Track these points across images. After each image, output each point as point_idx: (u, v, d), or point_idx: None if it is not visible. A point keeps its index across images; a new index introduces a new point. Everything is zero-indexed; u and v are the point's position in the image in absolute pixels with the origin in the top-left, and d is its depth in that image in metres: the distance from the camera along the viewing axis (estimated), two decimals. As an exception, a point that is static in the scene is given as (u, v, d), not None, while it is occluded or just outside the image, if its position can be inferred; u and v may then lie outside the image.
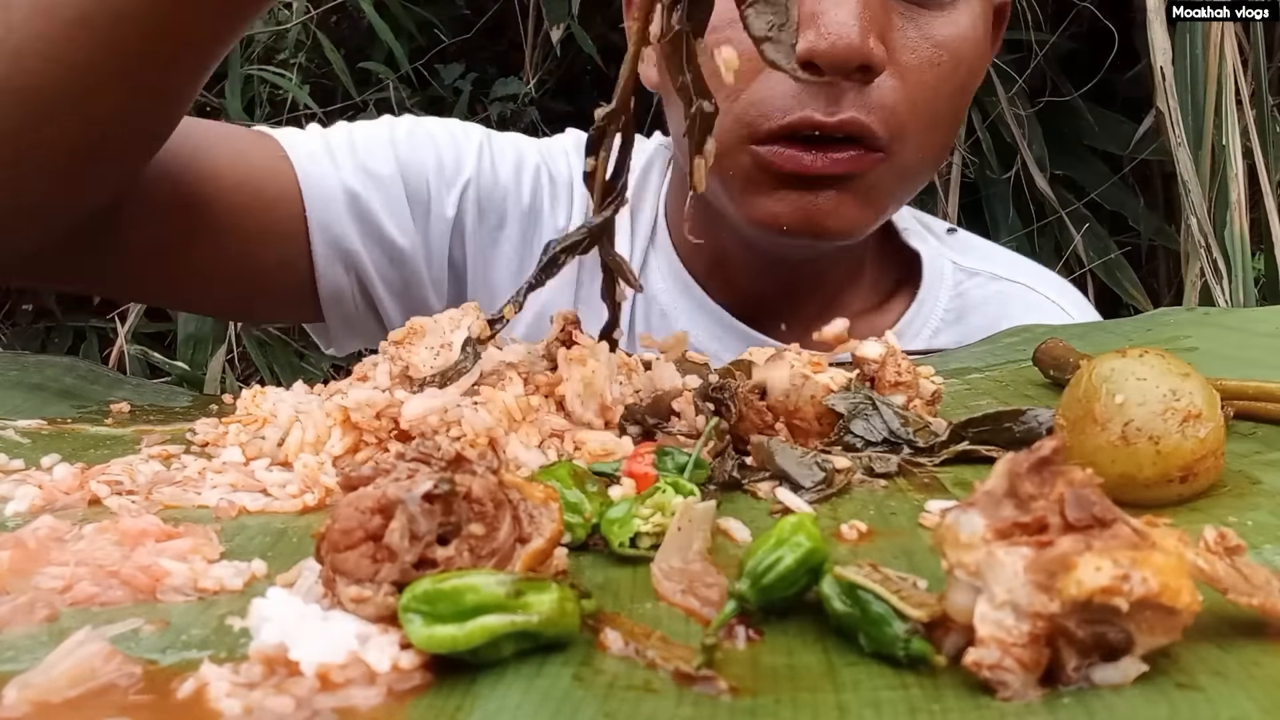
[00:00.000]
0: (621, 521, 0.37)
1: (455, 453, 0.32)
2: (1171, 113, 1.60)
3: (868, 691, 0.27)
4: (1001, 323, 0.85)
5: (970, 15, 0.75)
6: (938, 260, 0.90)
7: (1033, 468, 0.27)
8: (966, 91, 0.78)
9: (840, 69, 0.68)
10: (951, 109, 0.77)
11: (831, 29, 0.67)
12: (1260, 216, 1.72)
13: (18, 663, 0.28)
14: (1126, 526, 0.27)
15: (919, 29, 0.73)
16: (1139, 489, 0.38)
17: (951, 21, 0.74)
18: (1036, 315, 0.86)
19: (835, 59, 0.67)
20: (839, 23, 0.67)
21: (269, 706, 0.25)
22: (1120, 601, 0.25)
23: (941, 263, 0.90)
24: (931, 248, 0.91)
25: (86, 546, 0.35)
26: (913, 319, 0.87)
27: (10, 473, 0.45)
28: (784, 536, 0.30)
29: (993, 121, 2.01)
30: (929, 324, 0.87)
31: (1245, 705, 0.25)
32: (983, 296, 0.90)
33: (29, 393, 0.61)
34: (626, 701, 0.26)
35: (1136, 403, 0.38)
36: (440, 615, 0.27)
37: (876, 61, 0.69)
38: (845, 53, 0.67)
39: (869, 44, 0.68)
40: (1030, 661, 0.26)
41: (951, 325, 0.87)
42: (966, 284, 0.90)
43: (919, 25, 0.73)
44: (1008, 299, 0.89)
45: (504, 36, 2.24)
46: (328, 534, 0.30)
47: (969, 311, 0.88)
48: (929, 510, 0.40)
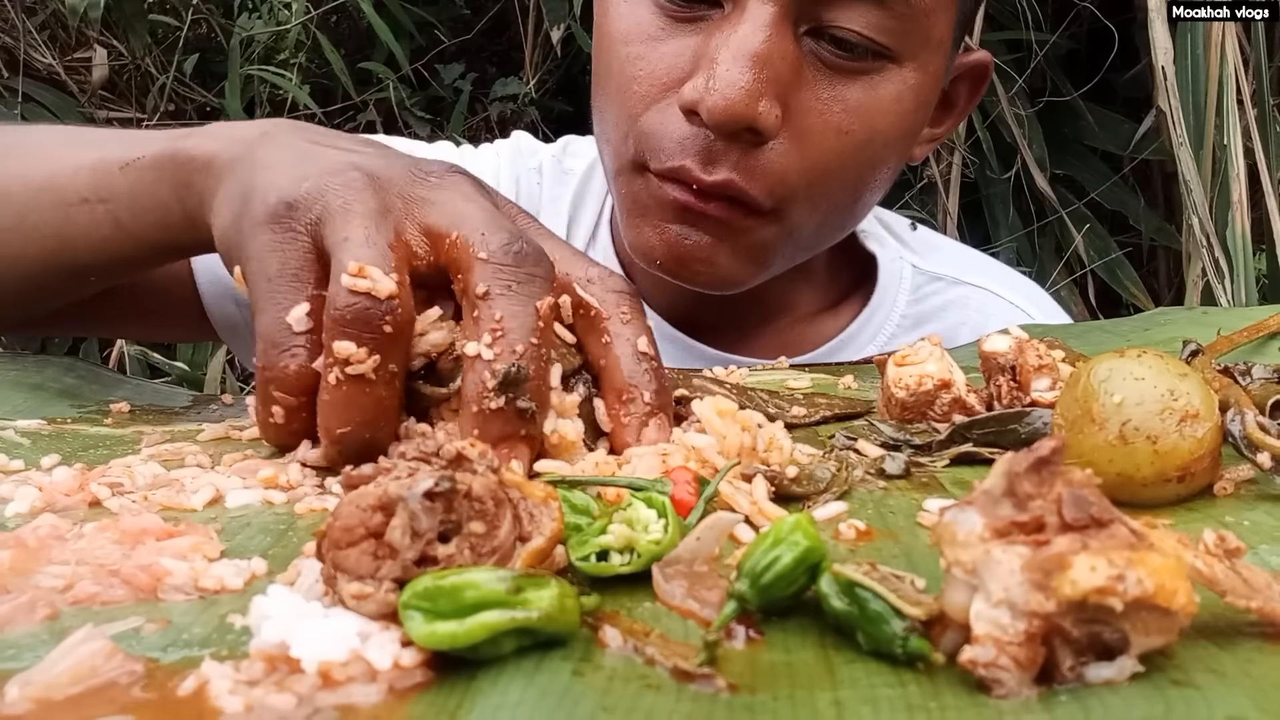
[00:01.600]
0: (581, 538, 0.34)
1: (456, 451, 0.32)
2: (1173, 112, 1.60)
3: (865, 689, 0.27)
4: (961, 329, 0.84)
5: (897, 87, 0.68)
6: (895, 264, 0.88)
7: (1031, 467, 0.27)
8: (878, 166, 0.71)
9: (721, 129, 0.63)
10: (856, 182, 0.71)
11: (720, 86, 0.62)
12: (1261, 216, 1.72)
13: (19, 661, 0.28)
14: (1124, 527, 0.27)
15: (833, 91, 0.66)
16: (1136, 489, 0.38)
17: (872, 88, 0.67)
18: (998, 321, 0.83)
19: (716, 118, 0.62)
20: (728, 81, 0.62)
21: (270, 704, 0.26)
22: (1115, 602, 0.25)
23: (900, 266, 0.88)
24: (890, 251, 0.88)
25: (87, 545, 0.35)
26: (865, 323, 0.85)
27: (10, 473, 0.45)
28: (781, 535, 0.30)
29: (993, 121, 2.02)
30: (884, 329, 0.85)
31: (1242, 703, 0.25)
32: (943, 302, 0.87)
33: (29, 393, 0.61)
34: (625, 697, 0.26)
35: (1134, 402, 0.38)
36: (441, 612, 0.28)
37: (765, 128, 0.63)
38: (726, 114, 0.62)
39: (757, 108, 0.62)
40: (1025, 660, 0.26)
41: (909, 330, 0.85)
42: (927, 289, 0.88)
43: (834, 87, 0.66)
44: (969, 304, 0.88)
45: (504, 36, 2.24)
46: (329, 531, 0.30)
47: (928, 317, 0.86)
48: (927, 509, 0.40)
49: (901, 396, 0.51)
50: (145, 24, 2.25)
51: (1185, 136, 1.59)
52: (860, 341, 0.85)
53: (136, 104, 2.29)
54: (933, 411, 0.51)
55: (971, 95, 0.80)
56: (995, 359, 0.51)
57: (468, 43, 2.22)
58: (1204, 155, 1.65)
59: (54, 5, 2.20)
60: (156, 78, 2.27)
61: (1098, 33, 2.01)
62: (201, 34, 2.37)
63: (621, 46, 0.69)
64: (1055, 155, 2.06)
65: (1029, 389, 0.49)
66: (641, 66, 0.67)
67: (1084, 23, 2.05)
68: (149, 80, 2.30)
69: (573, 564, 0.33)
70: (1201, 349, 0.53)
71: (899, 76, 0.67)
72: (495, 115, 2.17)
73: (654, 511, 0.35)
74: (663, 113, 0.67)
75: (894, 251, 0.89)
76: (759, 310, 0.84)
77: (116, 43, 2.31)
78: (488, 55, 2.31)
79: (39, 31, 2.24)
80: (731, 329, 0.83)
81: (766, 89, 0.63)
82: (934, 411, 0.51)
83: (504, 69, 2.26)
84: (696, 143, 0.65)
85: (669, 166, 0.66)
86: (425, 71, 2.22)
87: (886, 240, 0.89)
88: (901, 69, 0.67)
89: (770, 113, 0.63)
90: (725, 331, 0.83)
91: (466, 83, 2.22)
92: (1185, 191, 1.60)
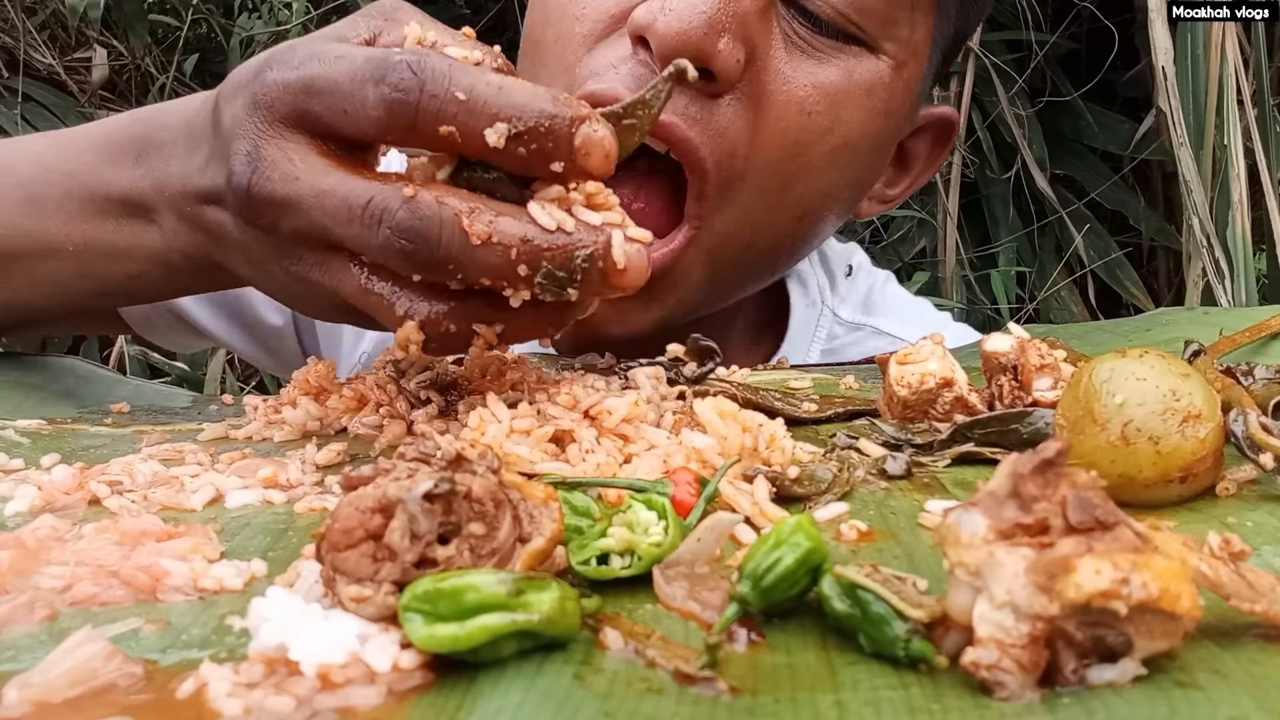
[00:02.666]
0: (582, 542, 0.34)
1: (455, 452, 0.32)
2: (1173, 112, 1.60)
3: (867, 691, 0.27)
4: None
5: (869, 77, 0.62)
6: (811, 309, 0.83)
7: (1036, 469, 0.27)
8: (834, 168, 0.63)
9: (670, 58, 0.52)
10: (811, 183, 0.62)
11: (677, 6, 0.54)
12: (1261, 216, 1.72)
13: (18, 662, 0.28)
14: (1129, 530, 0.27)
15: (801, 66, 0.59)
16: (1139, 489, 0.38)
17: (844, 72, 0.61)
18: None
19: (668, 44, 0.54)
20: (688, 3, 0.54)
21: (269, 706, 0.25)
22: (1119, 605, 0.25)
23: (816, 311, 0.83)
24: (811, 293, 0.83)
25: (86, 546, 0.35)
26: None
27: (10, 472, 0.45)
28: (783, 537, 0.30)
29: (993, 121, 2.02)
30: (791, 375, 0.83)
31: (1245, 704, 0.25)
32: (858, 353, 0.82)
33: (29, 393, 0.61)
34: (627, 701, 0.26)
35: (1136, 403, 0.38)
36: (441, 614, 0.27)
37: (722, 69, 0.55)
38: (680, 39, 0.53)
39: (716, 43, 0.54)
40: (1028, 663, 0.26)
41: None
42: (844, 339, 0.83)
43: (803, 63, 0.59)
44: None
45: (504, 36, 2.23)
46: (328, 533, 0.30)
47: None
48: (929, 510, 0.40)
49: (904, 395, 0.51)
50: (145, 24, 2.25)
51: (1185, 136, 1.59)
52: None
53: (136, 104, 2.29)
54: (935, 410, 0.51)
55: (932, 154, 0.75)
56: (997, 358, 0.51)
57: (467, 43, 2.22)
58: (1204, 155, 1.65)
59: (54, 5, 2.21)
60: (156, 78, 2.27)
61: (1098, 33, 2.01)
62: (201, 34, 2.37)
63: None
64: (1055, 155, 2.06)
65: (1031, 389, 0.49)
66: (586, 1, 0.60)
67: (1084, 23, 2.05)
68: (149, 80, 2.30)
69: (573, 567, 0.33)
70: (1203, 349, 0.53)
71: (874, 67, 0.62)
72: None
73: (654, 513, 0.35)
74: (608, 48, 0.59)
75: (815, 295, 0.83)
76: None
77: (116, 43, 2.31)
78: (487, 55, 2.32)
79: (39, 31, 2.24)
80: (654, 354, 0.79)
81: (730, 24, 0.55)
82: (936, 410, 0.51)
83: (504, 69, 2.26)
84: (635, 70, 0.57)
85: (591, 90, 0.57)
86: (425, 71, 2.22)
87: (810, 281, 0.84)
88: (876, 59, 0.62)
89: (731, 54, 0.55)
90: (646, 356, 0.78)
91: (466, 82, 2.21)
92: (1185, 191, 1.60)
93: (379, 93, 0.42)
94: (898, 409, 0.51)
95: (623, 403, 0.46)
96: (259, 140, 0.45)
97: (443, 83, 0.41)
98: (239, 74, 0.47)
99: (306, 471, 0.46)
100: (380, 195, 0.42)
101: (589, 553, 0.33)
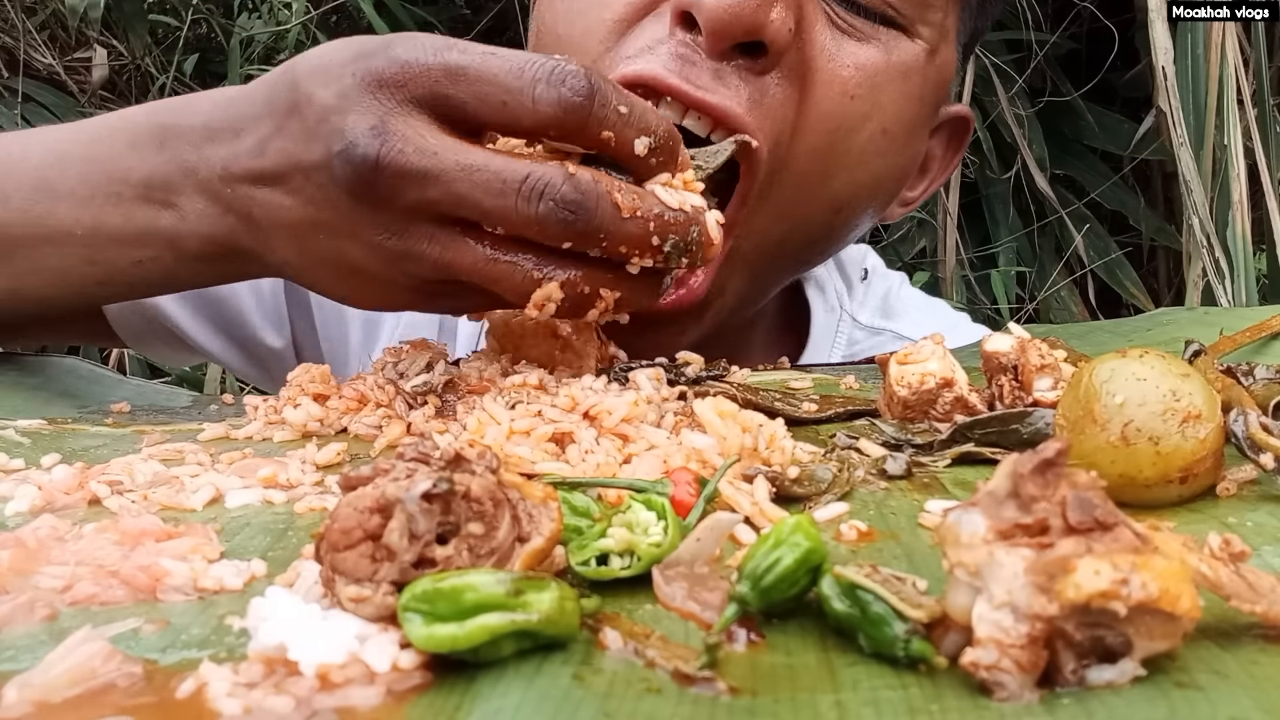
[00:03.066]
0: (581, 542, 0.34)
1: (454, 452, 0.32)
2: (1173, 112, 1.60)
3: (867, 691, 0.27)
4: None
5: (907, 60, 0.63)
6: (831, 315, 0.84)
7: (1036, 469, 0.27)
8: (874, 156, 0.64)
9: (722, 35, 0.54)
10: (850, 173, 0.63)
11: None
12: (1261, 216, 1.72)
13: (17, 662, 0.28)
14: (1129, 530, 0.27)
15: (843, 47, 0.61)
16: (1139, 490, 0.38)
17: (884, 52, 0.62)
18: None
19: (719, 19, 0.54)
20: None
21: (268, 706, 0.25)
22: (1118, 606, 0.25)
23: (835, 317, 0.84)
24: (830, 299, 0.84)
25: (86, 546, 0.35)
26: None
27: (10, 472, 0.45)
28: (782, 537, 0.30)
29: (993, 121, 2.02)
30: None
31: (1245, 704, 0.25)
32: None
33: (29, 393, 0.61)
34: (626, 701, 0.26)
35: (1136, 403, 0.38)
36: (440, 614, 0.27)
37: (774, 39, 0.55)
38: (732, 14, 0.53)
39: (769, 13, 0.54)
40: (1027, 663, 0.26)
41: None
42: (864, 344, 0.84)
43: (844, 45, 0.61)
44: None
45: (504, 36, 2.24)
46: (327, 534, 0.30)
47: None
48: (929, 510, 0.40)
49: (904, 395, 0.51)
50: (145, 24, 2.25)
51: (1185, 136, 1.59)
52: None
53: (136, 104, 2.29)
54: (935, 410, 0.51)
55: (949, 152, 0.76)
56: (997, 359, 0.51)
57: (468, 43, 2.22)
58: (1204, 155, 1.65)
59: (54, 5, 2.21)
60: (156, 78, 2.27)
61: (1098, 33, 2.01)
62: (201, 34, 2.37)
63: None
64: (1055, 155, 2.06)
65: (1031, 389, 0.49)
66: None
67: (1084, 23, 2.05)
68: (149, 80, 2.30)
69: (572, 568, 0.33)
70: (1204, 349, 0.53)
71: (910, 49, 0.63)
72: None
73: (653, 514, 0.35)
74: (641, 32, 0.58)
75: (833, 300, 0.85)
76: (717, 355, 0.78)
77: (116, 43, 2.31)
78: (488, 55, 2.32)
79: (39, 31, 2.24)
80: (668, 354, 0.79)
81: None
82: (936, 410, 0.51)
83: (504, 69, 2.26)
84: (677, 50, 0.56)
85: (627, 73, 0.57)
86: (425, 71, 2.22)
87: (829, 286, 0.85)
88: (913, 43, 0.63)
89: (784, 22, 0.55)
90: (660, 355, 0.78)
91: (467, 82, 2.22)
92: (1185, 191, 1.60)
93: (556, 94, 0.46)
94: (898, 409, 0.51)
95: (622, 403, 0.47)
96: (386, 116, 0.46)
97: (611, 97, 0.47)
98: (327, 57, 0.49)
99: (306, 471, 0.46)
100: (541, 171, 0.46)
101: (588, 553, 0.33)
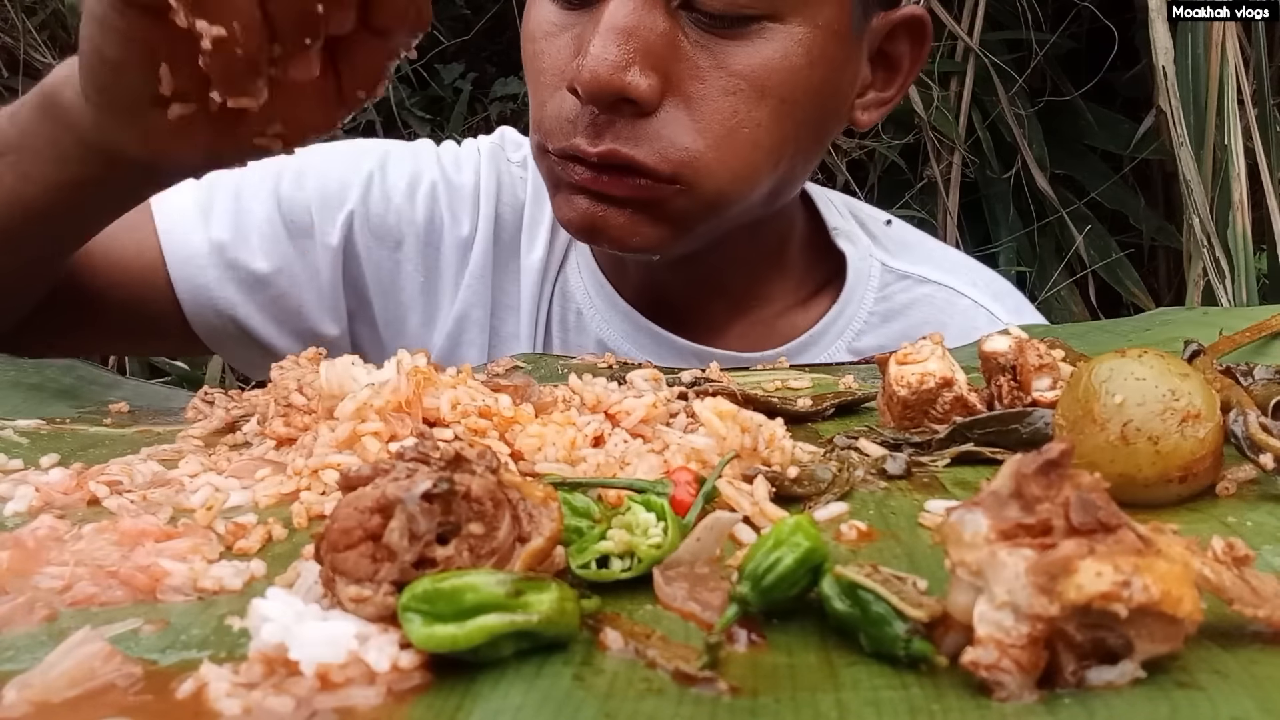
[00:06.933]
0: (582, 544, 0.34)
1: (454, 452, 0.32)
2: (1173, 112, 1.60)
3: (868, 691, 0.27)
4: (925, 327, 0.84)
5: (783, 45, 0.69)
6: (864, 262, 0.89)
7: (1040, 470, 0.27)
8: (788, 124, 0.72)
9: (596, 100, 0.67)
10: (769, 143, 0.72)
11: (589, 60, 0.66)
12: (1262, 215, 1.72)
13: (17, 663, 0.28)
14: (1131, 532, 0.27)
15: (713, 57, 0.69)
16: (1138, 489, 0.38)
17: (754, 51, 0.69)
18: (961, 319, 0.85)
19: (589, 90, 0.67)
20: (595, 55, 0.66)
21: (268, 706, 0.25)
22: (1119, 608, 0.25)
23: (869, 264, 0.89)
24: (861, 248, 0.89)
25: (86, 546, 0.35)
26: (834, 319, 0.86)
27: (10, 472, 0.45)
28: (782, 537, 0.30)
29: (993, 121, 2.02)
30: (852, 325, 0.87)
31: (1246, 704, 0.25)
32: (909, 300, 0.88)
33: (28, 393, 0.61)
34: (627, 701, 0.26)
35: (1135, 403, 0.38)
36: (440, 615, 0.27)
37: (638, 96, 0.67)
38: (595, 84, 0.66)
39: (625, 78, 0.66)
40: (1028, 663, 0.26)
41: (876, 328, 0.87)
42: (894, 286, 0.89)
43: (714, 54, 0.69)
44: (934, 303, 0.89)
45: (503, 36, 2.24)
46: (327, 534, 0.30)
47: (895, 315, 0.87)
48: (929, 510, 0.40)
49: (903, 395, 0.51)
50: (145, 24, 2.24)
51: (1185, 136, 1.59)
52: (829, 337, 0.86)
53: (136, 104, 2.29)
54: (934, 410, 0.51)
55: (915, 52, 0.80)
56: (996, 359, 0.51)
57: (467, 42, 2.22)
58: (1204, 155, 1.65)
59: (54, 5, 2.20)
60: (156, 77, 2.26)
61: (1098, 33, 2.01)
62: (201, 34, 2.36)
63: (529, 44, 0.75)
64: (1055, 155, 2.06)
65: (1030, 389, 0.49)
66: (544, 59, 0.73)
67: (1084, 23, 2.05)
68: (148, 80, 2.29)
69: (573, 570, 0.33)
70: (1203, 349, 0.53)
71: (784, 34, 0.69)
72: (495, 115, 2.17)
73: (653, 515, 0.35)
74: (560, 99, 0.71)
75: (864, 249, 0.90)
76: (728, 301, 0.86)
77: (116, 42, 2.30)
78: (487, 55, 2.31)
79: (39, 31, 2.24)
80: (702, 321, 0.85)
81: (634, 59, 0.67)
82: (935, 410, 0.51)
83: (504, 69, 2.26)
84: (583, 119, 0.69)
85: (561, 147, 0.71)
86: (425, 71, 2.22)
87: (858, 238, 0.91)
88: (786, 26, 0.69)
89: (640, 81, 0.67)
90: (696, 323, 0.85)
91: (466, 82, 2.22)
92: (1185, 191, 1.60)
93: None
94: (897, 409, 0.51)
95: (641, 404, 0.47)
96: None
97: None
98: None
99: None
100: None
101: (588, 556, 0.33)
